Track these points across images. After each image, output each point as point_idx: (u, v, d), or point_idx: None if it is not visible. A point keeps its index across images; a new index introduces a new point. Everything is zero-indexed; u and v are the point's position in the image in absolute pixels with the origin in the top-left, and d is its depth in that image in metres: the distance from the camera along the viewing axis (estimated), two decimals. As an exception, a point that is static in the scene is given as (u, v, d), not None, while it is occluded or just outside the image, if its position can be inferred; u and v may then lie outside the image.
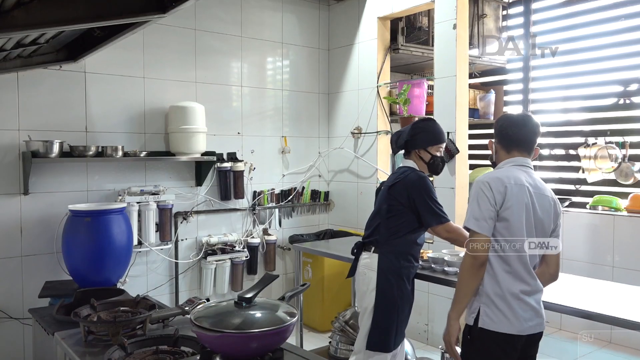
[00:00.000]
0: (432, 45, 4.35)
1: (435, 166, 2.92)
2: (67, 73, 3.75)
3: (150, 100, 4.12)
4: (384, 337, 2.68)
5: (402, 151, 2.95)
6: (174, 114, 4.07)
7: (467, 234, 2.18)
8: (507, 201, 2.08)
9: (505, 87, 5.58)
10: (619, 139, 4.60)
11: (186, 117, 4.03)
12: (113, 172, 3.95)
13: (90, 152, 3.65)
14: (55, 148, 3.51)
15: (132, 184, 3.98)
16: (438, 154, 2.90)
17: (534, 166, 2.63)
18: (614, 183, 4.63)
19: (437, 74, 4.18)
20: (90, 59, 3.67)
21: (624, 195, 4.50)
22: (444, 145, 2.93)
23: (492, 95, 5.36)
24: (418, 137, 2.88)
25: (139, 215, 3.94)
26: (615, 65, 4.75)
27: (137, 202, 3.90)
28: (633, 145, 4.57)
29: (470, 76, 4.63)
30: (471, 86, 4.93)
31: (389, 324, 2.68)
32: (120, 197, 3.85)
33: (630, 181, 4.51)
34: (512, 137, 2.23)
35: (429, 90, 4.81)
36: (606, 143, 4.63)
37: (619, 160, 4.56)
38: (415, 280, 2.89)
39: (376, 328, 2.69)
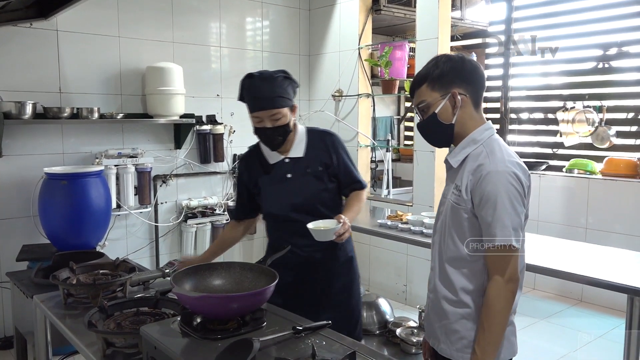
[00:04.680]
0: (415, 7, 4.29)
1: (263, 140, 2.17)
2: (38, 31, 3.61)
3: (126, 60, 4.01)
4: None
5: None
6: (151, 75, 3.98)
7: None
8: (529, 194, 1.59)
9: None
10: (597, 103, 4.65)
11: (164, 78, 3.94)
12: (89, 135, 3.87)
13: (65, 114, 3.56)
14: (28, 109, 3.42)
15: (109, 147, 3.91)
16: (258, 126, 2.10)
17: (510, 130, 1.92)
18: (590, 147, 4.71)
19: (419, 36, 4.13)
20: (62, 17, 3.54)
21: (599, 159, 4.59)
22: (262, 115, 2.04)
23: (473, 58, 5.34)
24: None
25: (117, 178, 3.88)
26: (595, 29, 4.76)
27: (115, 165, 3.85)
28: (610, 110, 4.63)
29: (452, 39, 4.60)
30: (453, 49, 4.90)
31: None
32: (97, 160, 3.79)
33: (606, 145, 4.60)
34: (484, 85, 1.66)
35: (411, 53, 4.77)
36: (584, 107, 4.69)
37: (596, 124, 4.63)
38: (395, 242, 2.84)
39: None
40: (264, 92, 2.03)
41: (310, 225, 2.00)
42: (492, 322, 1.52)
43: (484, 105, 1.72)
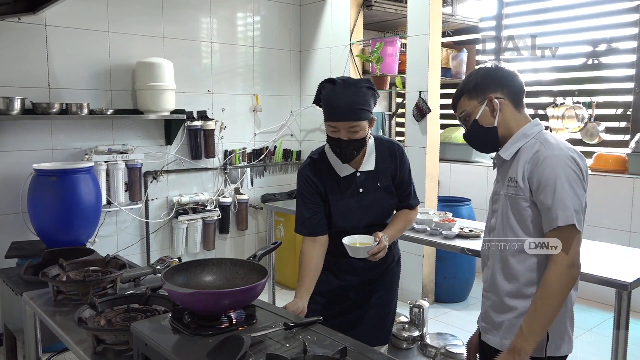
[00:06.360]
0: (406, 2, 4.29)
1: (335, 151, 2.02)
2: (26, 26, 3.57)
3: (115, 55, 3.98)
4: None
5: None
6: (141, 71, 3.95)
7: None
8: (587, 180, 1.63)
9: (477, 47, 5.57)
10: (586, 99, 4.69)
11: (154, 74, 3.92)
12: (79, 131, 3.85)
13: (54, 110, 3.53)
14: (17, 105, 3.38)
15: (99, 143, 3.88)
16: (333, 136, 1.98)
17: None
18: (579, 142, 4.75)
19: (410, 31, 4.14)
20: (50, 11, 3.50)
21: (588, 155, 4.62)
22: (340, 125, 1.94)
23: (464, 55, 5.36)
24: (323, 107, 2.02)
25: (107, 174, 3.86)
26: (585, 26, 4.79)
27: (105, 162, 3.82)
28: (599, 105, 4.67)
29: (443, 35, 4.60)
30: (444, 45, 4.91)
31: None
32: (87, 156, 3.76)
33: (595, 141, 4.63)
34: (522, 88, 1.72)
35: (402, 49, 4.77)
36: (574, 103, 4.72)
37: (585, 120, 4.66)
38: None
39: None
40: (345, 101, 1.90)
41: (345, 241, 1.98)
42: (546, 303, 1.52)
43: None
